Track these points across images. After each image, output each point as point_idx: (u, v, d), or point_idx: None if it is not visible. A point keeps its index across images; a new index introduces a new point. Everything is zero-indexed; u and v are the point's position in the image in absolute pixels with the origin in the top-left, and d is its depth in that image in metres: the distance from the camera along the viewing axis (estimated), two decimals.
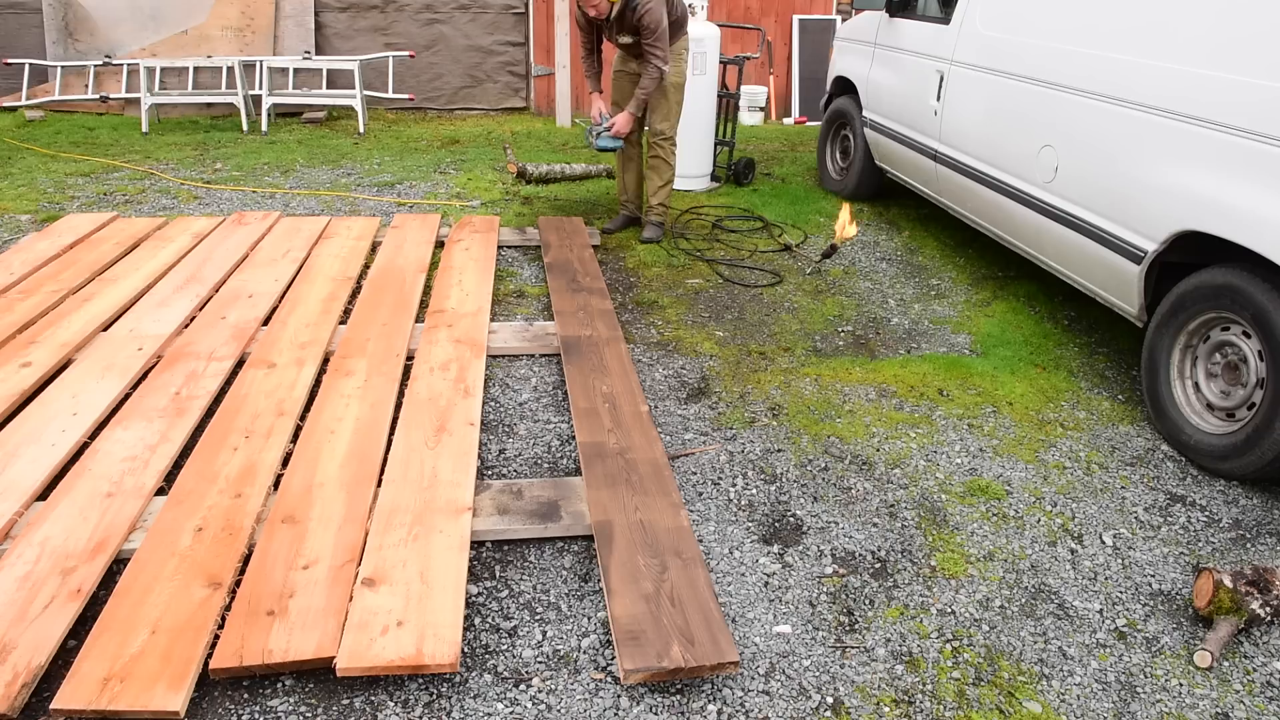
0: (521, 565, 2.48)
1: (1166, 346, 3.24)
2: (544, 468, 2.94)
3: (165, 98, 7.69)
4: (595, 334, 3.72)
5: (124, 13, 8.16)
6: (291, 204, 5.65)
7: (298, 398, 3.11)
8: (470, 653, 2.17)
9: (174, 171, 6.32)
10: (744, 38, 8.79)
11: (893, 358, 3.87)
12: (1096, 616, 2.40)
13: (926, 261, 5.08)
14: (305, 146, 7.21)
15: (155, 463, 2.71)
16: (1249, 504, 2.93)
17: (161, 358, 3.39)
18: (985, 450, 3.16)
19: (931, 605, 2.41)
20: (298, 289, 4.04)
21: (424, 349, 3.50)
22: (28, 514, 2.48)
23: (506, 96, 9.04)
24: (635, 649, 2.10)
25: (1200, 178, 3.04)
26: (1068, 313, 4.37)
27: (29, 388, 3.12)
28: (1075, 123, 3.67)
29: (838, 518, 2.76)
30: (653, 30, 4.52)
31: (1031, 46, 4.04)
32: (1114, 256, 3.44)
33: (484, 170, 6.62)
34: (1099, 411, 3.47)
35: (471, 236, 4.85)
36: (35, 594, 2.15)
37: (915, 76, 5.05)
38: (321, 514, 2.49)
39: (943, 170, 4.73)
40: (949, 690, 2.14)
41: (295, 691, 2.03)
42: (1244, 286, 2.92)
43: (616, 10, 4.55)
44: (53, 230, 4.70)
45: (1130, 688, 2.17)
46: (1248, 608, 2.29)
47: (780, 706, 2.07)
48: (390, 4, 8.56)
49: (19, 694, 1.89)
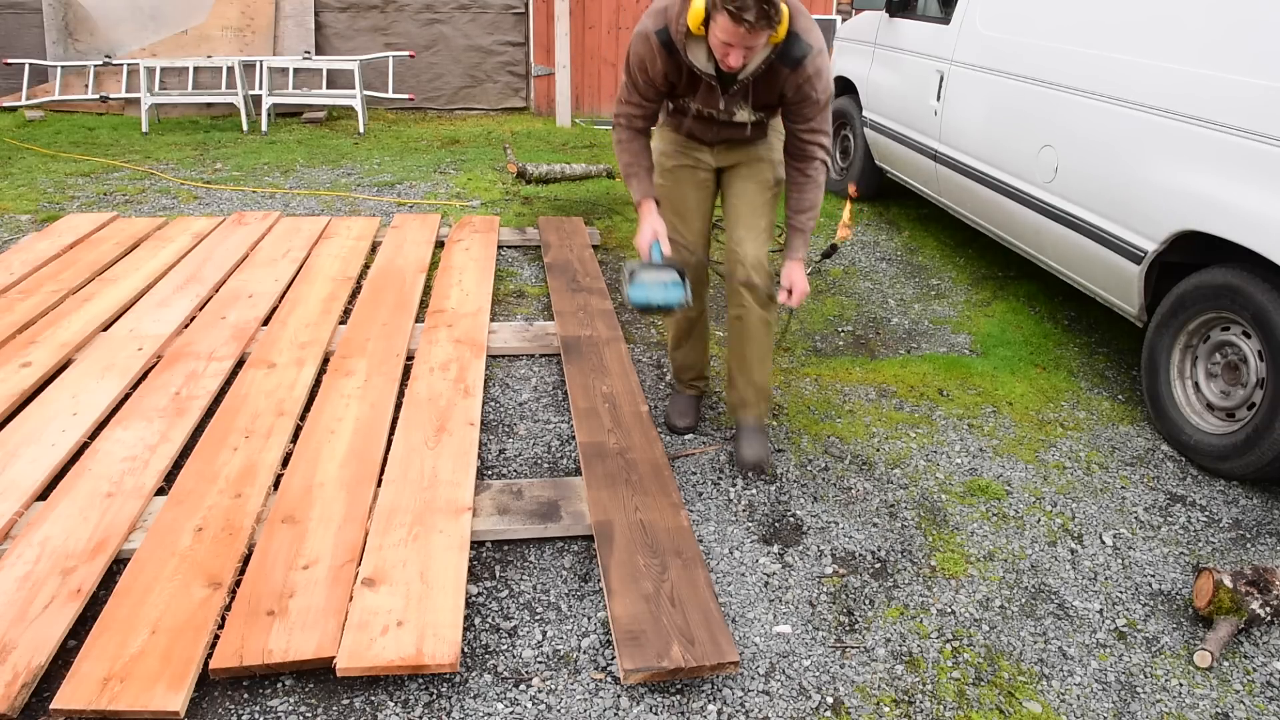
0: (521, 565, 2.48)
1: (1166, 346, 3.24)
2: (544, 468, 2.94)
3: (165, 98, 7.69)
4: (595, 334, 3.72)
5: (124, 13, 8.16)
6: (291, 204, 5.65)
7: (298, 398, 3.11)
8: (470, 653, 2.17)
9: (174, 171, 6.32)
10: None
11: (893, 358, 3.87)
12: (1096, 616, 2.40)
13: (926, 261, 5.08)
14: (305, 146, 7.21)
15: (155, 463, 2.71)
16: (1249, 504, 2.92)
17: (161, 358, 3.39)
18: (985, 450, 3.16)
19: (931, 605, 2.41)
20: (298, 289, 4.04)
21: (424, 349, 3.50)
22: (28, 514, 2.48)
23: (506, 96, 9.04)
24: (635, 649, 2.10)
25: (1200, 178, 3.04)
26: (1068, 313, 4.37)
27: (29, 388, 3.12)
28: (1075, 122, 3.67)
29: (838, 518, 2.76)
30: (823, 102, 2.59)
31: (1031, 46, 4.04)
32: (1114, 256, 3.44)
33: (484, 170, 6.62)
34: (1099, 411, 3.46)
35: (471, 236, 4.85)
36: (35, 594, 2.15)
37: (915, 76, 5.05)
38: (321, 514, 2.49)
39: (943, 170, 4.73)
40: (949, 690, 2.14)
41: (295, 691, 2.03)
42: (1244, 286, 2.92)
43: (762, 64, 2.49)
44: (53, 230, 4.70)
45: (1130, 688, 2.17)
46: (1248, 608, 2.29)
47: (780, 706, 2.07)
48: (390, 4, 8.56)
49: (19, 694, 1.89)
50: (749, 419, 3.00)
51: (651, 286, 2.62)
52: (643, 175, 2.77)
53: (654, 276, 2.62)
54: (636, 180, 2.77)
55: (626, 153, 2.78)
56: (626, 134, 2.77)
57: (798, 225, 2.76)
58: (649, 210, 2.74)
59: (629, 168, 2.78)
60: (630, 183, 2.78)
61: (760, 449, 2.94)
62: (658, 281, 2.62)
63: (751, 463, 2.92)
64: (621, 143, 2.78)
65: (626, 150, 2.78)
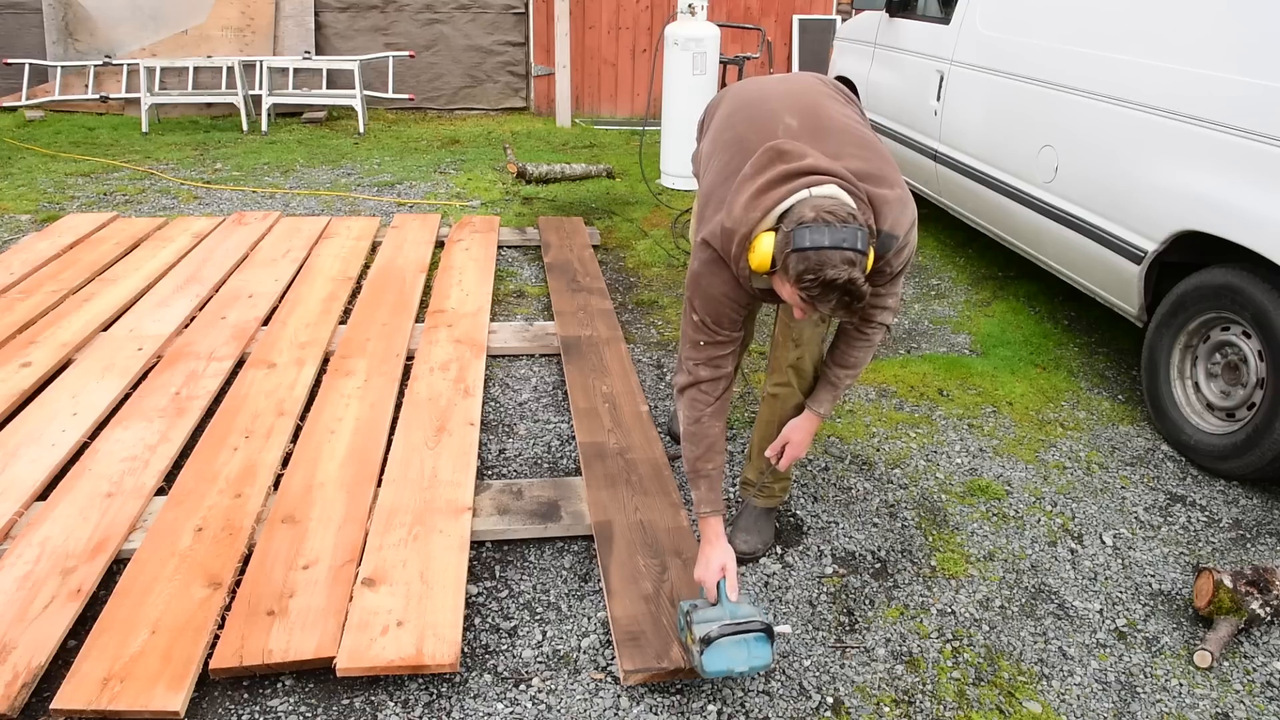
0: (521, 565, 2.48)
1: (1166, 346, 3.24)
2: (544, 468, 2.94)
3: (165, 98, 7.69)
4: (595, 334, 3.72)
5: (124, 13, 8.15)
6: (291, 204, 5.65)
7: (298, 398, 3.11)
8: (470, 653, 2.17)
9: (174, 171, 6.32)
10: (744, 38, 8.79)
11: (893, 358, 3.87)
12: (1096, 616, 2.40)
13: (926, 261, 5.08)
14: (305, 146, 7.21)
15: (155, 463, 2.71)
16: (1249, 504, 2.92)
17: (161, 358, 3.39)
18: (985, 450, 3.16)
19: (931, 605, 2.41)
20: (298, 289, 4.04)
21: (424, 349, 3.50)
22: (28, 514, 2.48)
23: (506, 96, 9.04)
24: (635, 649, 2.10)
25: (1200, 178, 3.04)
26: (1068, 313, 4.37)
27: (29, 388, 3.12)
28: (1075, 122, 3.67)
29: (838, 518, 2.76)
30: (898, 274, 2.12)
31: (1031, 46, 4.04)
32: (1114, 256, 3.43)
33: (484, 170, 6.62)
34: (1099, 411, 3.46)
35: (471, 236, 4.85)
36: (35, 594, 2.15)
37: (915, 76, 5.05)
38: (321, 514, 2.49)
39: (943, 170, 4.73)
40: (949, 690, 2.14)
41: (295, 691, 2.03)
42: (1244, 286, 2.91)
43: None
44: (53, 230, 4.70)
45: (1130, 688, 2.17)
46: (1248, 608, 2.29)
47: (780, 706, 2.07)
48: (390, 4, 8.56)
49: (19, 694, 1.89)
50: (757, 502, 2.61)
51: (733, 650, 1.96)
52: (714, 479, 2.12)
53: (733, 635, 1.96)
54: (706, 485, 2.12)
55: (700, 441, 2.12)
56: (707, 409, 2.10)
57: (832, 379, 2.30)
58: (716, 533, 2.10)
59: (699, 462, 2.12)
60: (696, 486, 2.14)
61: (757, 540, 2.55)
62: (739, 641, 1.96)
63: (743, 554, 2.48)
64: (698, 423, 2.11)
65: (702, 437, 2.11)
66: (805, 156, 1.90)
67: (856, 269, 1.75)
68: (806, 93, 2.18)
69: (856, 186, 1.90)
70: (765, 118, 2.09)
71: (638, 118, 8.88)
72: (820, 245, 1.73)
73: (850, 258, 1.74)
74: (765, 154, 1.94)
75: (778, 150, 1.92)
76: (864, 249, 1.77)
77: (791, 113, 2.08)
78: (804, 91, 2.19)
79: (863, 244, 1.76)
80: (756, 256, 1.84)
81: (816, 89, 2.22)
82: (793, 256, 1.75)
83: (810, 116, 2.07)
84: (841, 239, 1.73)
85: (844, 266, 1.73)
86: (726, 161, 2.06)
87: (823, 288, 1.74)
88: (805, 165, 1.88)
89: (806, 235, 1.74)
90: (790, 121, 2.05)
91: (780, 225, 1.82)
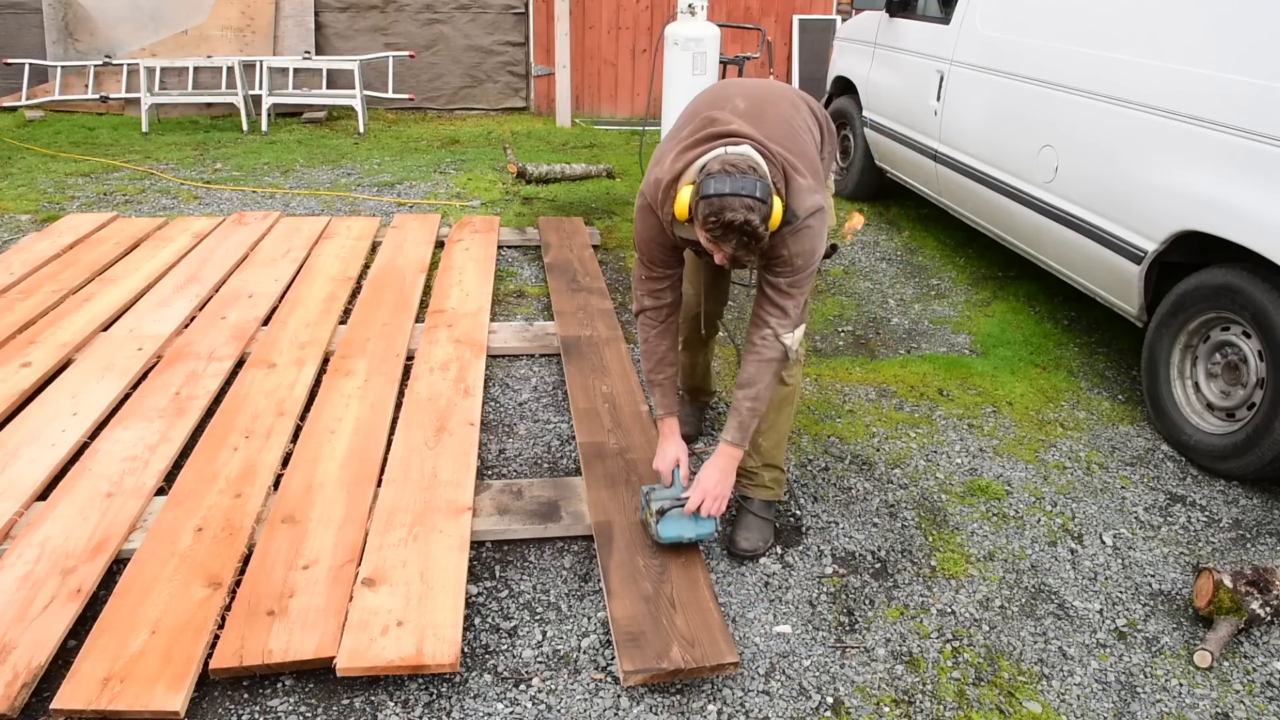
0: (521, 565, 2.48)
1: (1166, 346, 3.24)
2: (544, 468, 2.94)
3: (165, 98, 7.69)
4: (595, 334, 3.72)
5: (124, 13, 8.15)
6: (291, 204, 5.65)
7: (298, 398, 3.11)
8: (470, 653, 2.17)
9: (174, 171, 6.32)
10: (744, 38, 8.78)
11: (893, 358, 3.87)
12: (1096, 616, 2.40)
13: (926, 261, 5.08)
14: (305, 146, 7.20)
15: (155, 463, 2.71)
16: (1249, 504, 2.92)
17: (161, 358, 3.39)
18: (985, 450, 3.16)
19: (931, 605, 2.41)
20: (298, 289, 4.04)
21: (424, 349, 3.50)
22: (28, 514, 2.48)
23: (506, 96, 9.04)
24: (635, 650, 2.10)
25: (1200, 178, 3.04)
26: (1068, 313, 4.37)
27: (29, 388, 3.12)
28: (1075, 123, 3.67)
29: (838, 518, 2.76)
30: (795, 265, 2.21)
31: (1031, 46, 4.04)
32: (1114, 256, 3.43)
33: (484, 170, 6.62)
34: (1099, 411, 3.46)
35: (471, 236, 4.84)
36: (35, 594, 2.15)
37: (915, 76, 5.05)
38: (321, 514, 2.49)
39: (943, 170, 4.73)
40: (949, 690, 2.14)
41: (295, 691, 2.03)
42: (1244, 286, 2.91)
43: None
44: (53, 230, 4.70)
45: (1130, 688, 2.17)
46: (1248, 608, 2.29)
47: (780, 706, 2.07)
48: (390, 4, 8.56)
49: (19, 694, 1.89)
50: (753, 490, 2.60)
51: (682, 522, 2.37)
52: (667, 387, 2.47)
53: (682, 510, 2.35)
54: (660, 392, 2.48)
55: (650, 356, 2.46)
56: (653, 330, 2.43)
57: (734, 403, 2.34)
58: (670, 430, 2.46)
59: (652, 374, 2.48)
60: (653, 393, 2.50)
61: (757, 538, 2.55)
62: (688, 515, 2.36)
63: (743, 551, 2.53)
64: (647, 342, 2.45)
65: (652, 353, 2.46)
66: (731, 123, 2.14)
67: (755, 215, 1.98)
68: (769, 92, 2.37)
69: (774, 154, 2.12)
70: (719, 97, 2.33)
71: (638, 118, 8.88)
72: (722, 192, 1.97)
73: (749, 204, 1.97)
74: (700, 121, 2.20)
75: (710, 118, 2.19)
76: (763, 198, 1.99)
77: (743, 98, 2.29)
78: (767, 91, 2.38)
79: (762, 193, 1.98)
80: (678, 206, 2.10)
81: (781, 93, 2.40)
82: (700, 203, 2.01)
83: (758, 105, 2.27)
84: (740, 187, 1.97)
85: (742, 210, 1.96)
86: (678, 129, 2.30)
87: (724, 229, 1.99)
88: (729, 129, 2.13)
89: (712, 184, 1.99)
90: (739, 103, 2.27)
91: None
